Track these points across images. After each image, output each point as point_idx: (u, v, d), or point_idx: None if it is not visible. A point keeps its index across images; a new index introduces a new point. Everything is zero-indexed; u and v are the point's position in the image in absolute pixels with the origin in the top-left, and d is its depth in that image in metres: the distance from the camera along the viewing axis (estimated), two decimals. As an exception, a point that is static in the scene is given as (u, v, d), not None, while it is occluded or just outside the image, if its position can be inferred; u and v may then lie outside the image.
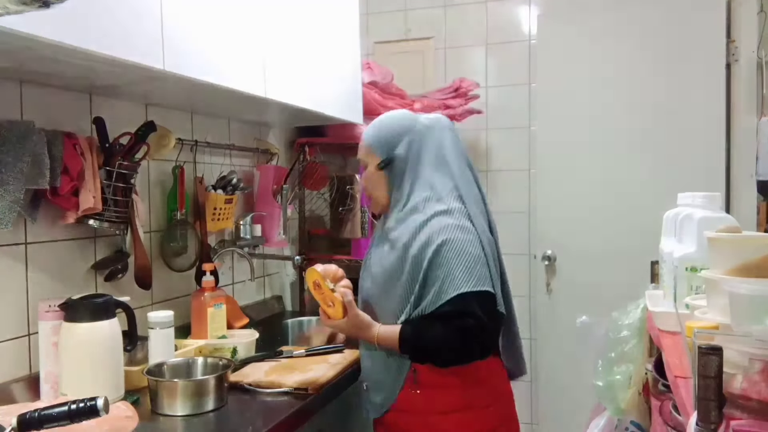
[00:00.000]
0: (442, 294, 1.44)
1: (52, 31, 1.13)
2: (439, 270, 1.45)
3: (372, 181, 1.62)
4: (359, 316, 1.53)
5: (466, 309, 1.44)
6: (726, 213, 1.50)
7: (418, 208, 1.53)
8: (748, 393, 0.84)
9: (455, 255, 1.45)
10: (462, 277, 1.44)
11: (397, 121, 1.62)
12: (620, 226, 2.85)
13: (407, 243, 1.51)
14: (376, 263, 1.61)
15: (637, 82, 2.86)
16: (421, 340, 1.48)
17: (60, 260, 1.63)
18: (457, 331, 1.45)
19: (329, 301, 1.53)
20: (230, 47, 1.68)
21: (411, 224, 1.52)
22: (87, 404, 1.01)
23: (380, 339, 1.52)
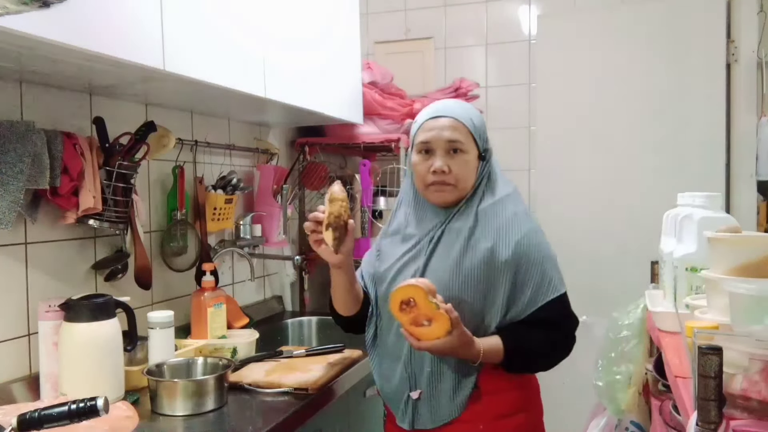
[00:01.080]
0: (540, 297, 1.39)
1: (52, 31, 1.13)
2: (532, 272, 1.39)
3: (468, 169, 1.44)
4: (466, 334, 1.34)
5: (567, 311, 1.43)
6: (726, 213, 1.50)
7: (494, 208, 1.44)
8: (748, 393, 0.84)
9: (546, 258, 1.42)
10: (556, 279, 1.41)
11: (479, 113, 1.54)
12: (620, 226, 2.85)
13: (492, 247, 1.39)
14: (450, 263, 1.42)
15: (637, 82, 2.85)
16: (529, 351, 1.40)
17: (60, 260, 1.63)
18: (564, 337, 1.43)
19: (424, 320, 1.33)
20: (230, 47, 1.68)
21: (492, 224, 1.42)
22: (87, 404, 1.01)
23: (485, 356, 1.37)
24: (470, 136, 1.44)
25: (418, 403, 1.43)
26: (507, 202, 1.45)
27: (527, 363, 1.44)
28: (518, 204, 1.47)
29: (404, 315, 1.34)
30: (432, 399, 1.42)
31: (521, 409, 1.46)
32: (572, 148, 2.96)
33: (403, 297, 1.33)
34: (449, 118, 1.43)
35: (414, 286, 1.33)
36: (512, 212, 1.43)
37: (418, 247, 1.47)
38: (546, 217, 3.02)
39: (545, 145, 3.02)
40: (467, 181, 1.45)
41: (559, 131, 2.98)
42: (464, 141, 1.43)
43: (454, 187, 1.44)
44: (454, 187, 1.44)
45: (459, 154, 1.43)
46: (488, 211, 1.43)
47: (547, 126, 3.00)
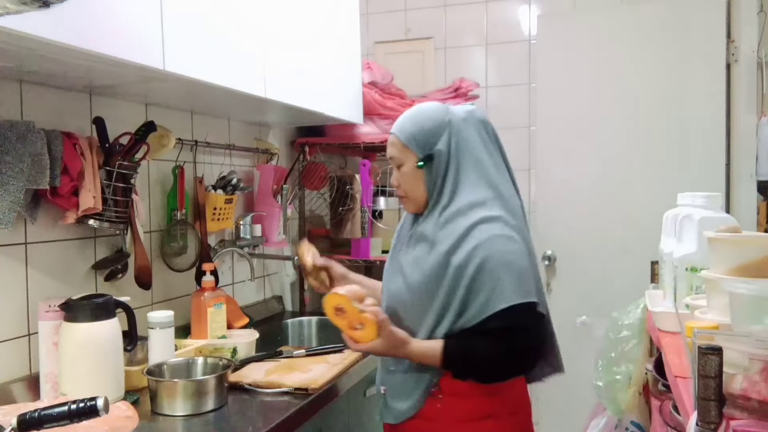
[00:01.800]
0: (490, 305, 1.34)
1: (52, 31, 1.13)
2: (486, 281, 1.35)
3: (409, 181, 1.48)
4: (395, 333, 1.39)
5: (516, 323, 1.35)
6: (726, 213, 1.50)
7: (462, 212, 1.42)
8: (748, 393, 0.84)
9: (503, 266, 1.35)
10: (511, 288, 1.35)
11: (433, 114, 1.48)
12: (620, 226, 2.85)
13: (450, 250, 1.39)
14: (411, 265, 1.47)
15: (637, 82, 2.86)
16: (469, 358, 1.38)
17: (60, 260, 1.63)
18: (507, 349, 1.37)
19: (356, 324, 1.40)
20: (230, 47, 1.68)
21: (455, 230, 1.40)
22: (87, 404, 1.01)
23: (419, 356, 1.40)
24: (404, 147, 1.47)
25: (386, 398, 1.51)
26: (473, 208, 1.41)
27: (470, 370, 1.40)
28: (485, 210, 1.41)
29: (340, 320, 1.41)
30: (392, 396, 1.49)
31: (488, 416, 1.43)
32: (572, 148, 2.96)
33: (333, 304, 1.41)
34: (392, 134, 1.51)
35: (339, 295, 1.40)
36: (477, 218, 1.40)
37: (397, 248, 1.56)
38: (546, 217, 3.02)
39: (545, 145, 3.02)
40: (414, 190, 1.48)
41: (559, 131, 2.98)
42: (398, 155, 1.49)
43: (407, 198, 1.51)
44: (407, 198, 1.51)
45: (401, 168, 1.50)
46: (451, 216, 1.42)
47: (547, 126, 3.00)
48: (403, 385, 1.47)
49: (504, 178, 1.49)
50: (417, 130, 1.46)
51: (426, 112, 1.49)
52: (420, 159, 1.45)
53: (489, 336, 1.36)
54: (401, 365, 1.47)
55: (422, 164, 1.45)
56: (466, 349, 1.38)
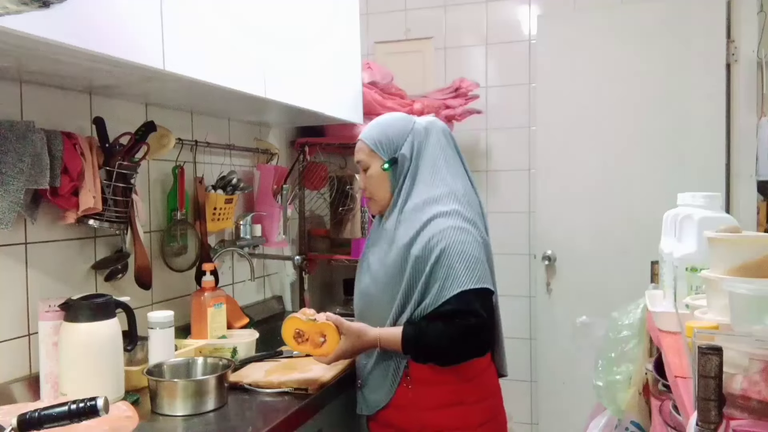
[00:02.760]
0: (444, 291, 1.46)
1: (52, 31, 1.13)
2: (441, 270, 1.47)
3: (375, 182, 1.63)
4: (354, 327, 1.53)
5: (468, 307, 1.45)
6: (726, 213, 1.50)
7: (418, 208, 1.55)
8: (748, 393, 0.84)
9: (457, 255, 1.47)
10: (464, 275, 1.46)
11: (399, 122, 1.65)
12: (620, 227, 2.85)
13: (408, 243, 1.52)
14: (376, 262, 1.62)
15: (637, 82, 2.86)
16: (424, 339, 1.48)
17: (60, 260, 1.63)
18: (459, 330, 1.46)
19: (318, 338, 1.51)
20: (230, 47, 1.68)
21: (412, 224, 1.54)
22: (87, 404, 1.01)
23: (382, 342, 1.52)
24: (370, 151, 1.63)
25: (362, 391, 1.64)
26: (429, 204, 1.55)
27: (426, 352, 1.50)
28: (440, 205, 1.54)
29: (304, 345, 1.52)
30: (366, 387, 1.63)
31: (458, 402, 1.53)
32: (572, 148, 2.96)
33: (290, 333, 1.51)
34: (360, 141, 1.66)
35: (289, 320, 1.53)
36: (433, 212, 1.53)
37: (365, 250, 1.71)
38: (546, 217, 3.02)
39: (545, 145, 3.02)
40: (378, 191, 1.64)
41: (559, 131, 2.98)
42: (365, 158, 1.64)
43: (373, 200, 1.66)
44: (373, 199, 1.66)
45: (366, 171, 1.64)
46: (410, 212, 1.56)
47: (547, 126, 3.00)
48: (374, 376, 1.60)
49: (460, 178, 1.62)
50: (383, 136, 1.62)
51: (392, 121, 1.67)
52: (385, 162, 1.61)
53: (443, 319, 1.46)
54: (370, 358, 1.60)
55: (387, 167, 1.61)
56: (420, 331, 1.49)
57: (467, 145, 3.10)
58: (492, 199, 3.14)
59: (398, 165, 1.61)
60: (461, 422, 1.54)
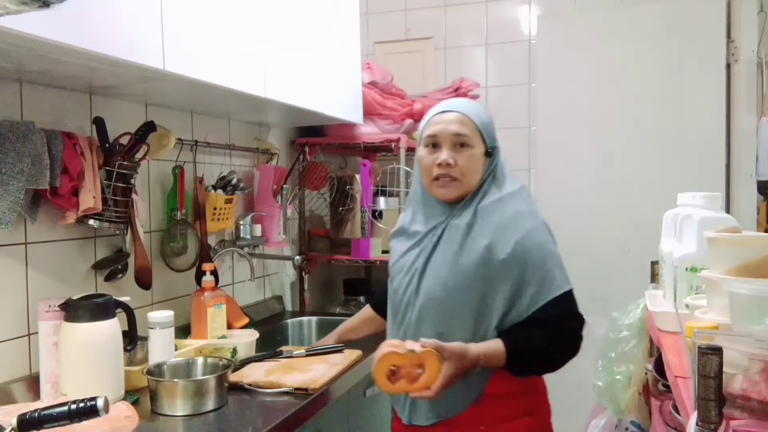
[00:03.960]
0: (543, 295, 1.35)
1: (52, 31, 1.13)
2: (535, 272, 1.36)
3: (474, 165, 1.44)
4: (455, 349, 1.31)
5: (569, 308, 1.38)
6: (726, 213, 1.50)
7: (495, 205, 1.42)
8: (748, 393, 0.84)
9: (548, 255, 1.38)
10: (559, 276, 1.37)
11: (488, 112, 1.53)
12: (620, 226, 2.85)
13: (490, 245, 1.37)
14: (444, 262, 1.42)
15: (637, 82, 2.85)
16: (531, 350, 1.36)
17: (60, 260, 1.63)
18: (567, 335, 1.38)
19: (414, 371, 1.28)
20: (230, 47, 1.68)
21: (491, 223, 1.40)
22: (87, 404, 1.01)
23: (485, 359, 1.34)
24: (477, 131, 1.44)
25: (415, 401, 1.43)
26: (510, 200, 1.43)
27: (531, 365, 1.40)
28: (522, 202, 1.44)
29: (400, 384, 1.29)
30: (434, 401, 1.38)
31: (526, 413, 1.43)
32: (572, 148, 2.96)
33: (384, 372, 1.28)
34: (457, 113, 1.44)
35: (384, 356, 1.28)
36: (514, 210, 1.41)
37: (423, 244, 1.47)
38: (546, 217, 3.00)
39: (545, 145, 3.02)
40: (472, 176, 1.44)
41: (559, 131, 2.98)
42: (471, 135, 1.43)
43: (459, 182, 1.43)
44: (459, 182, 1.43)
45: (465, 148, 1.43)
46: (488, 209, 1.42)
47: (547, 126, 3.00)
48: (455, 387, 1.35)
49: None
50: (486, 120, 1.48)
51: (483, 107, 1.54)
52: (489, 148, 1.46)
53: (545, 326, 1.35)
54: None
55: (490, 153, 1.46)
56: (527, 343, 1.36)
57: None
58: (492, 199, 3.13)
59: (492, 157, 1.47)
60: None
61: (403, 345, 1.30)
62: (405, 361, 1.27)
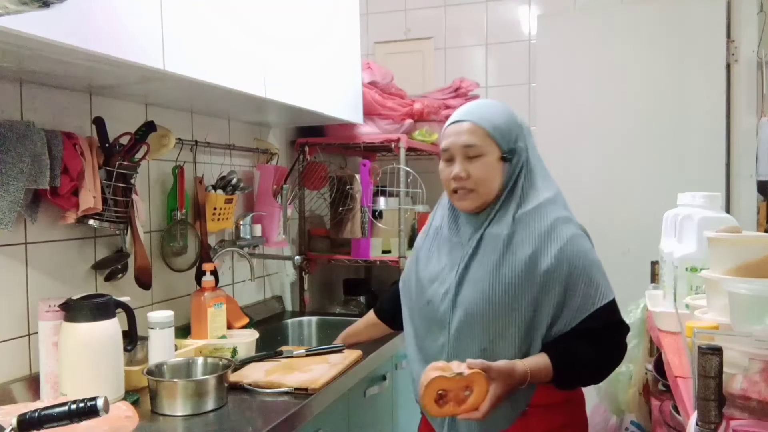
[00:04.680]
0: (587, 306, 1.31)
1: (52, 31, 1.13)
2: (579, 282, 1.32)
3: (489, 173, 1.39)
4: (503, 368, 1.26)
5: (615, 318, 1.35)
6: (726, 213, 1.50)
7: (535, 212, 1.37)
8: (748, 393, 0.84)
9: (591, 264, 1.34)
10: (604, 284, 1.33)
11: (508, 110, 1.45)
12: (620, 226, 2.85)
13: (533, 255, 1.33)
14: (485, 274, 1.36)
15: (637, 82, 2.85)
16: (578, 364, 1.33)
17: (60, 260, 1.63)
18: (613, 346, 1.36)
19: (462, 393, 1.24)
20: (230, 47, 1.68)
21: (533, 232, 1.35)
22: (87, 404, 1.01)
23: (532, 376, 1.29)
24: (488, 137, 1.39)
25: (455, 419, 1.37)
26: (548, 207, 1.38)
27: (577, 378, 1.36)
28: (559, 209, 1.39)
29: (448, 407, 1.24)
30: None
31: (566, 425, 1.40)
32: (572, 148, 2.96)
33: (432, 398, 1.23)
34: (467, 122, 1.40)
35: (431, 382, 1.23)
36: (553, 218, 1.36)
37: (459, 252, 1.42)
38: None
39: (545, 145, 2.98)
40: (489, 184, 1.39)
41: (559, 131, 2.98)
42: (481, 144, 1.38)
43: (476, 193, 1.39)
44: (476, 192, 1.39)
45: (478, 158, 1.38)
46: (527, 217, 1.37)
47: (547, 126, 3.00)
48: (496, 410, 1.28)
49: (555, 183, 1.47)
50: (501, 123, 1.41)
51: (501, 108, 1.45)
52: (505, 152, 1.40)
53: (592, 337, 1.32)
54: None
55: (508, 158, 1.40)
56: (575, 356, 1.32)
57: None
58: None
59: (515, 159, 1.41)
60: None
61: (450, 368, 1.25)
62: (453, 384, 1.23)
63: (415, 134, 2.80)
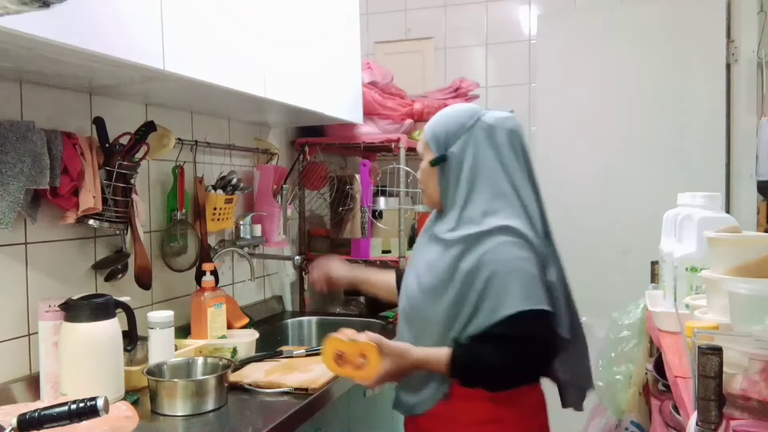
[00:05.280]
0: (497, 312, 1.34)
1: (52, 31, 1.13)
2: (493, 288, 1.35)
3: (424, 176, 1.52)
4: (395, 348, 1.38)
5: (521, 330, 1.34)
6: (726, 213, 1.50)
7: (477, 218, 1.42)
8: (748, 393, 0.84)
9: (512, 272, 1.35)
10: (518, 295, 1.34)
11: (457, 118, 1.48)
12: (620, 226, 2.85)
13: (460, 254, 1.40)
14: (424, 264, 1.48)
15: (637, 82, 2.85)
16: (474, 364, 1.37)
17: (60, 260, 1.63)
18: (512, 355, 1.35)
19: (358, 360, 1.38)
20: (230, 47, 1.68)
21: (468, 236, 1.41)
22: (87, 404, 1.01)
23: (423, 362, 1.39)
24: (426, 143, 1.50)
25: (397, 390, 1.54)
26: (490, 216, 1.41)
27: (473, 379, 1.39)
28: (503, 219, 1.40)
29: (344, 368, 1.40)
30: (402, 389, 1.52)
31: (493, 420, 1.42)
32: (572, 148, 2.96)
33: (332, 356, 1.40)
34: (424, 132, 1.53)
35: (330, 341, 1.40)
36: (492, 226, 1.39)
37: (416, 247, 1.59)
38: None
39: (545, 145, 3.01)
40: (427, 187, 1.52)
41: (559, 131, 2.98)
42: (420, 150, 1.53)
43: (425, 193, 1.54)
44: (425, 192, 1.54)
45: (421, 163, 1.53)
46: (468, 222, 1.42)
47: (547, 126, 3.00)
48: (415, 381, 1.45)
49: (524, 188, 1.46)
50: (439, 130, 1.48)
51: (451, 113, 1.51)
52: (434, 158, 1.47)
53: (495, 343, 1.35)
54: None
55: (434, 163, 1.48)
56: (470, 355, 1.37)
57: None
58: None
59: (447, 164, 1.46)
60: None
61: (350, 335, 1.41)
62: (347, 348, 1.40)
63: (415, 134, 2.80)
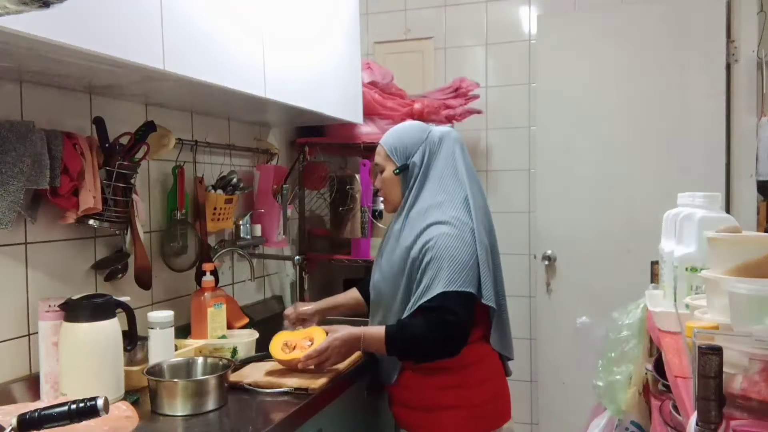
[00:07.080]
0: (429, 291, 1.58)
1: (52, 31, 1.13)
2: (429, 271, 1.60)
3: (387, 185, 1.80)
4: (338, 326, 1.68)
5: (445, 304, 1.56)
6: (726, 213, 1.50)
7: (421, 213, 1.69)
8: (748, 393, 0.84)
9: (446, 259, 1.59)
10: (448, 278, 1.57)
11: (415, 131, 1.79)
12: (620, 226, 2.85)
13: (409, 245, 1.67)
14: (385, 259, 1.77)
15: (637, 82, 2.85)
16: (402, 335, 1.61)
17: (60, 260, 1.63)
18: (436, 324, 1.56)
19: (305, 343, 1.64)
20: (230, 47, 1.68)
21: (414, 228, 1.68)
22: (87, 404, 1.01)
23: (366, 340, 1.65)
24: (387, 156, 1.78)
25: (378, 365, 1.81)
26: (433, 210, 1.68)
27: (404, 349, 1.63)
28: (444, 212, 1.67)
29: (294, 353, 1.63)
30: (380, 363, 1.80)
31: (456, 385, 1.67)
32: (572, 148, 2.96)
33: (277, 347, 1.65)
34: (379, 145, 1.81)
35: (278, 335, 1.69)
36: (434, 219, 1.66)
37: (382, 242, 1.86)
38: (546, 217, 3.02)
39: (545, 145, 3.02)
40: (390, 194, 1.80)
41: (559, 131, 2.98)
42: (381, 162, 1.80)
43: (386, 200, 1.84)
44: (385, 199, 1.84)
45: (382, 173, 1.80)
46: (414, 217, 1.71)
47: (547, 126, 3.00)
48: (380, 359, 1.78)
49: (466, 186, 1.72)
50: (399, 143, 1.77)
51: (409, 129, 1.81)
52: (397, 167, 1.76)
53: (422, 313, 1.58)
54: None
55: (398, 171, 1.76)
56: (401, 328, 1.62)
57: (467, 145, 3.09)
58: (492, 199, 3.11)
59: (409, 171, 1.75)
60: (462, 401, 1.68)
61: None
62: (295, 337, 1.67)
63: (415, 134, 2.80)
